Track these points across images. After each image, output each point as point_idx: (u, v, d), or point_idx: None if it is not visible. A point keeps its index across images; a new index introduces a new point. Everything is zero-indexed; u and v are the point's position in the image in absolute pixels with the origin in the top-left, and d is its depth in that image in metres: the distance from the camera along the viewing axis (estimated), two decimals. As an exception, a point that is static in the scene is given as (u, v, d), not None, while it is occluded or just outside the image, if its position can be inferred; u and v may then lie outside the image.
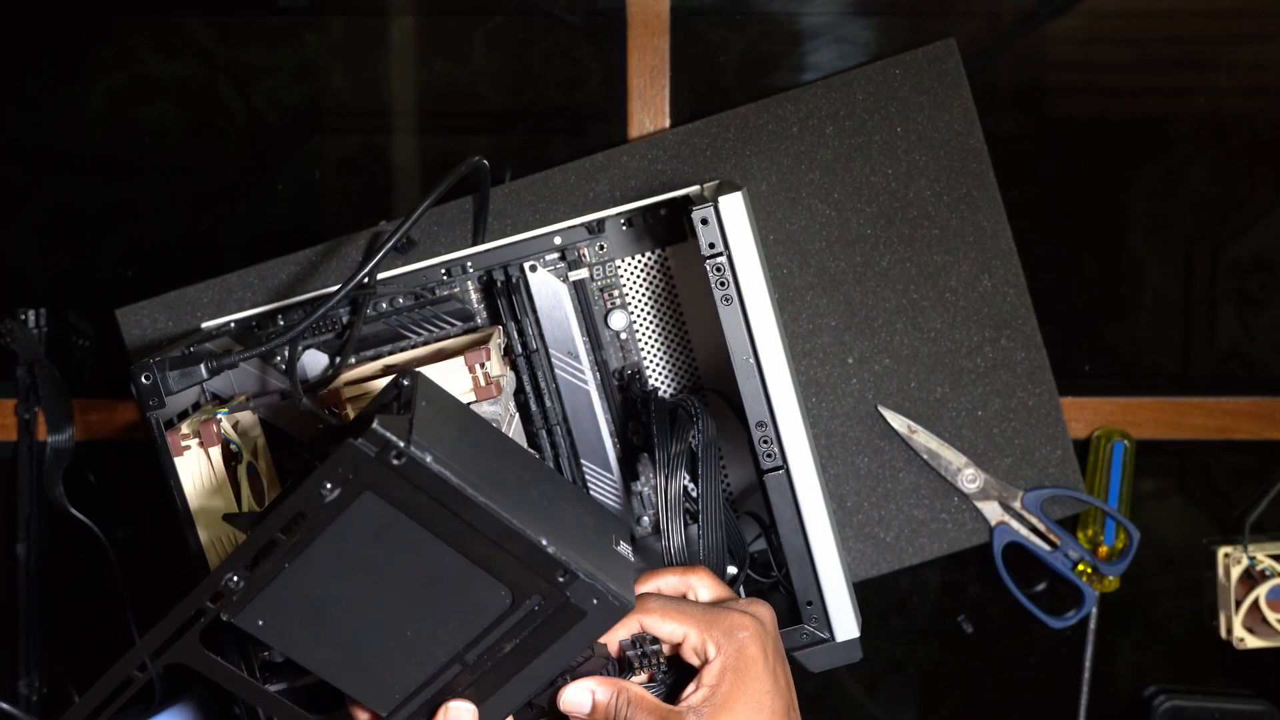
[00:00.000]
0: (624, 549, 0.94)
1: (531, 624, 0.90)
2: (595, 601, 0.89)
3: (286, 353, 1.12)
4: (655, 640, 0.96)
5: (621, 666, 0.97)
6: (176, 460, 1.05)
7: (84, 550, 1.37)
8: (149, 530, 1.40)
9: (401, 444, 0.83)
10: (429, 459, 0.84)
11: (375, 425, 0.83)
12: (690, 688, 0.96)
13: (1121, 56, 1.35)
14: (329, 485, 0.85)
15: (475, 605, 0.89)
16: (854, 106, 1.31)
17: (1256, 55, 1.35)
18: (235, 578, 0.88)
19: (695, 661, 0.97)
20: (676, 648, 0.98)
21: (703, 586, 1.03)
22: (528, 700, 0.95)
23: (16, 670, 1.40)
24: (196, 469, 1.06)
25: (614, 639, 0.97)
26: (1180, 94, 1.36)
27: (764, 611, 1.00)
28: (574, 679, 0.96)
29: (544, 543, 0.87)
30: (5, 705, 1.39)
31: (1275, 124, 1.35)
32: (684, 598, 1.02)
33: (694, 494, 1.10)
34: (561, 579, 0.88)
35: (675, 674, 0.99)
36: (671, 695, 0.98)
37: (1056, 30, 1.35)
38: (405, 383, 0.92)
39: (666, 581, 1.02)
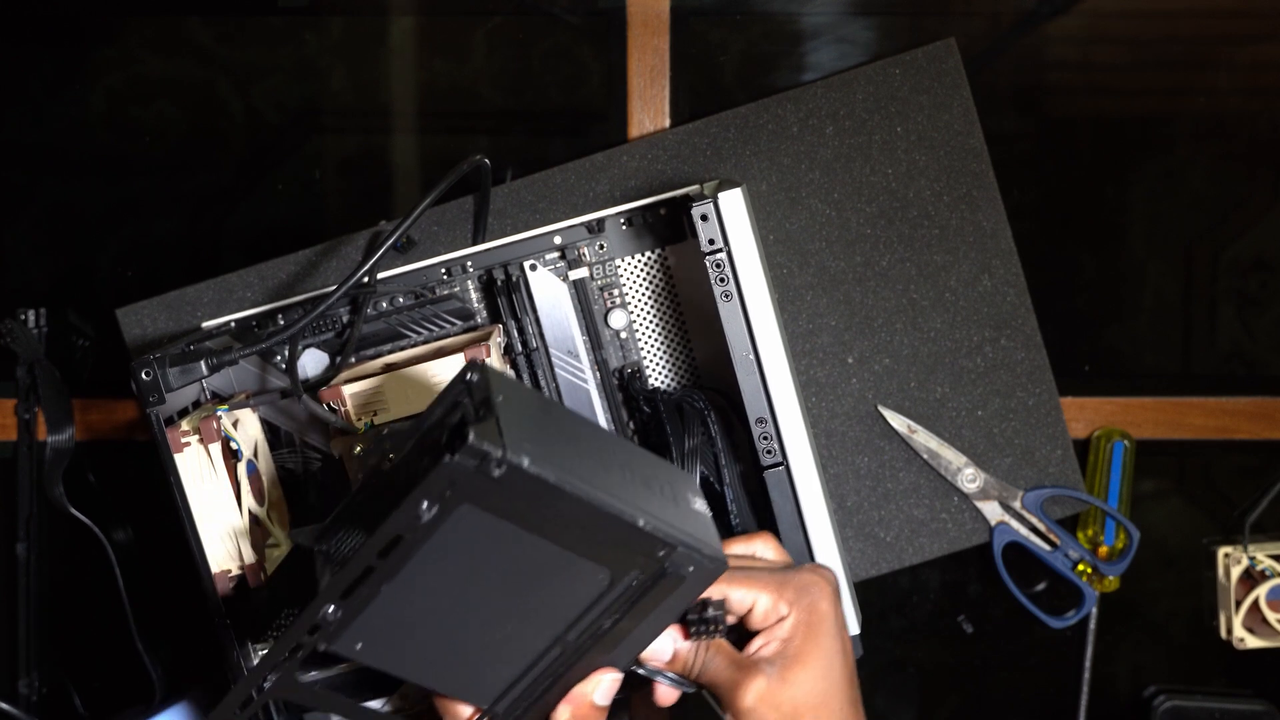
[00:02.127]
0: (700, 505, 0.93)
1: (631, 597, 0.89)
2: (692, 568, 0.89)
3: (287, 351, 1.12)
4: (721, 604, 0.95)
5: (685, 634, 0.97)
6: (176, 457, 1.06)
7: (84, 550, 1.37)
8: (149, 530, 1.40)
9: (499, 454, 0.81)
10: (526, 462, 0.82)
11: (472, 440, 0.80)
12: (760, 640, 0.97)
13: (1121, 56, 1.35)
14: (426, 505, 0.82)
15: (574, 590, 0.89)
16: (854, 106, 1.31)
17: (1256, 55, 1.35)
18: (332, 609, 0.86)
19: (763, 623, 0.97)
20: (743, 617, 0.98)
21: (767, 551, 1.03)
22: (629, 664, 0.95)
23: (16, 670, 1.40)
24: (196, 466, 1.06)
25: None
26: (1180, 94, 1.36)
27: (830, 574, 1.01)
28: None
29: (641, 523, 0.86)
30: (5, 705, 1.39)
31: (1275, 124, 1.35)
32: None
33: (715, 486, 1.11)
34: (661, 554, 0.87)
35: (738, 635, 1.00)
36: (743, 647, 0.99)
37: (1056, 30, 1.35)
38: (472, 377, 0.89)
39: (732, 550, 1.02)
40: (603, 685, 0.94)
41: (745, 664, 0.96)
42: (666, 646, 0.96)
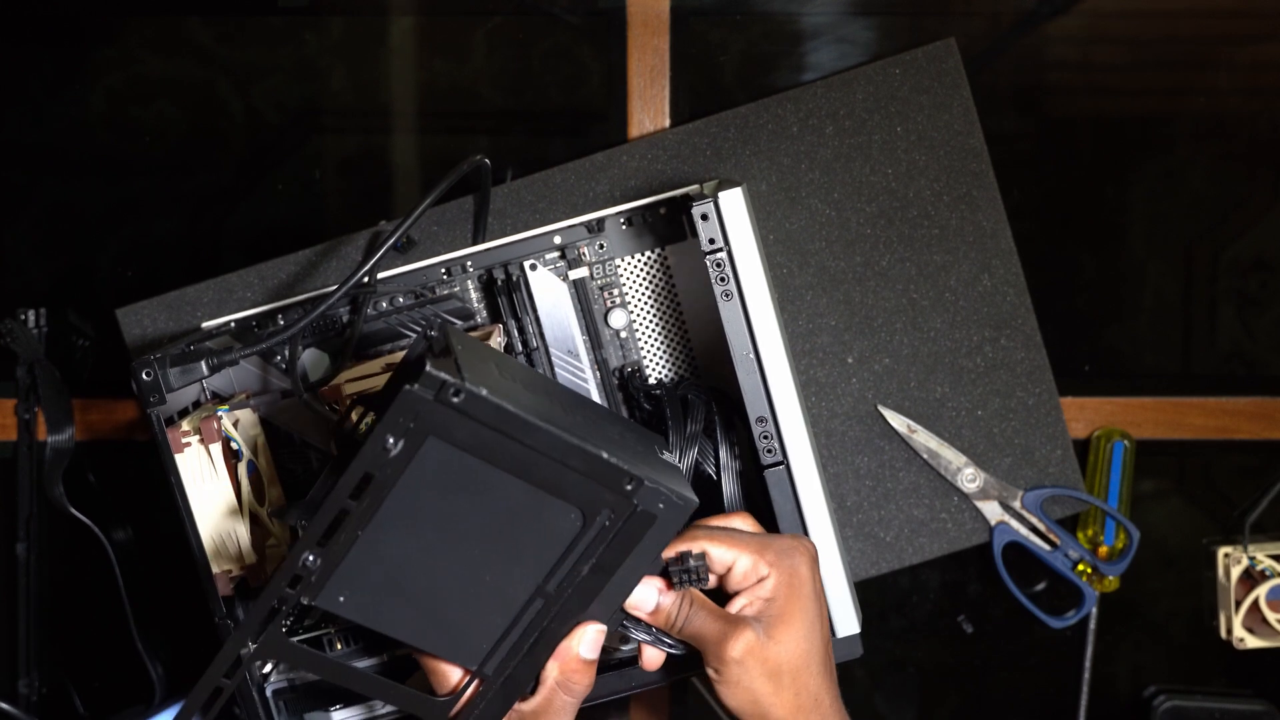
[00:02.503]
0: (669, 456, 0.96)
1: (605, 540, 0.91)
2: (662, 505, 0.90)
3: (287, 351, 1.12)
4: (701, 556, 0.97)
5: (669, 583, 0.98)
6: (177, 457, 1.06)
7: (84, 550, 1.37)
8: (149, 530, 1.40)
9: (456, 381, 0.84)
10: (485, 391, 0.85)
11: (429, 368, 0.84)
12: (744, 599, 0.98)
13: (1121, 56, 1.35)
14: (391, 439, 0.85)
15: (548, 533, 0.90)
16: (854, 106, 1.31)
17: (1256, 55, 1.35)
18: (311, 557, 0.88)
19: (743, 583, 0.99)
20: (722, 577, 0.99)
21: (745, 526, 1.05)
22: (611, 616, 0.96)
23: (16, 670, 1.40)
24: (197, 466, 1.06)
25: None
26: (1180, 94, 1.36)
27: (810, 544, 1.03)
28: None
29: (605, 455, 0.88)
30: (5, 705, 1.39)
31: (1275, 124, 1.35)
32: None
33: (710, 472, 1.11)
34: (629, 487, 0.89)
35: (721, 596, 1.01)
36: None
37: (1056, 30, 1.35)
38: (434, 334, 0.93)
39: (710, 523, 1.03)
40: (587, 637, 0.95)
41: (732, 618, 0.97)
42: (650, 597, 0.97)
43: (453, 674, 0.96)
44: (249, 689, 1.10)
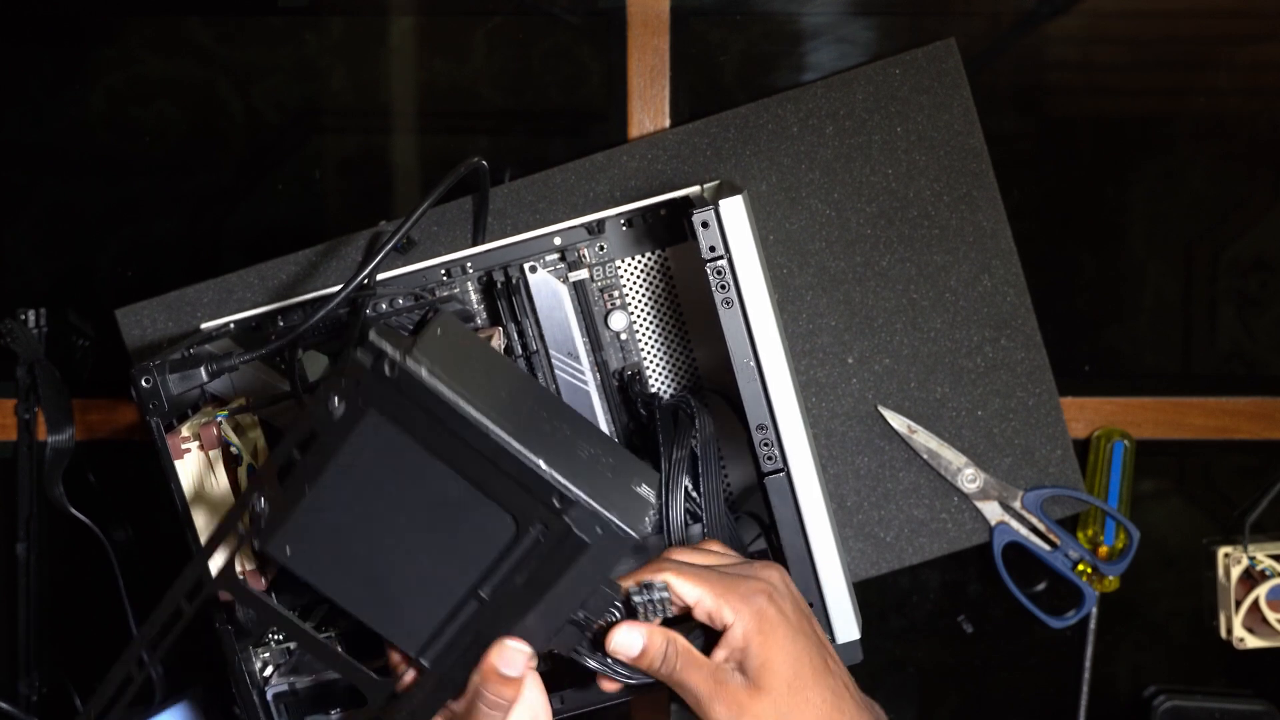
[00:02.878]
0: (645, 490, 0.94)
1: (538, 555, 0.90)
2: (599, 531, 0.88)
3: (287, 354, 1.12)
4: (664, 587, 0.96)
5: (629, 612, 0.97)
6: (177, 463, 1.06)
7: (84, 550, 1.37)
8: (149, 530, 1.40)
9: (395, 355, 0.85)
10: (423, 372, 0.85)
11: (371, 336, 0.85)
12: (721, 652, 0.98)
13: (1121, 56, 1.35)
14: (335, 400, 0.87)
15: (482, 535, 0.90)
16: (854, 106, 1.31)
17: (1256, 55, 1.35)
18: (261, 500, 0.91)
19: (710, 624, 0.98)
20: (688, 610, 0.98)
21: (715, 556, 1.04)
22: (548, 642, 0.95)
23: (16, 670, 1.40)
24: (196, 471, 1.06)
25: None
26: (1180, 94, 1.35)
27: (774, 574, 1.02)
28: (620, 621, 0.97)
29: (541, 464, 0.87)
30: (5, 705, 1.39)
31: (1275, 124, 1.35)
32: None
33: (696, 495, 1.10)
34: (558, 504, 0.87)
35: (701, 633, 1.00)
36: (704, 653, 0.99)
37: (1056, 30, 1.35)
38: (429, 316, 0.94)
39: (678, 555, 1.03)
40: (505, 654, 0.93)
41: (718, 675, 0.97)
42: (635, 642, 0.97)
43: (397, 654, 0.97)
44: (249, 690, 1.10)
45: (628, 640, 0.97)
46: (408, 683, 0.96)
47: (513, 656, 0.93)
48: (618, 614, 0.97)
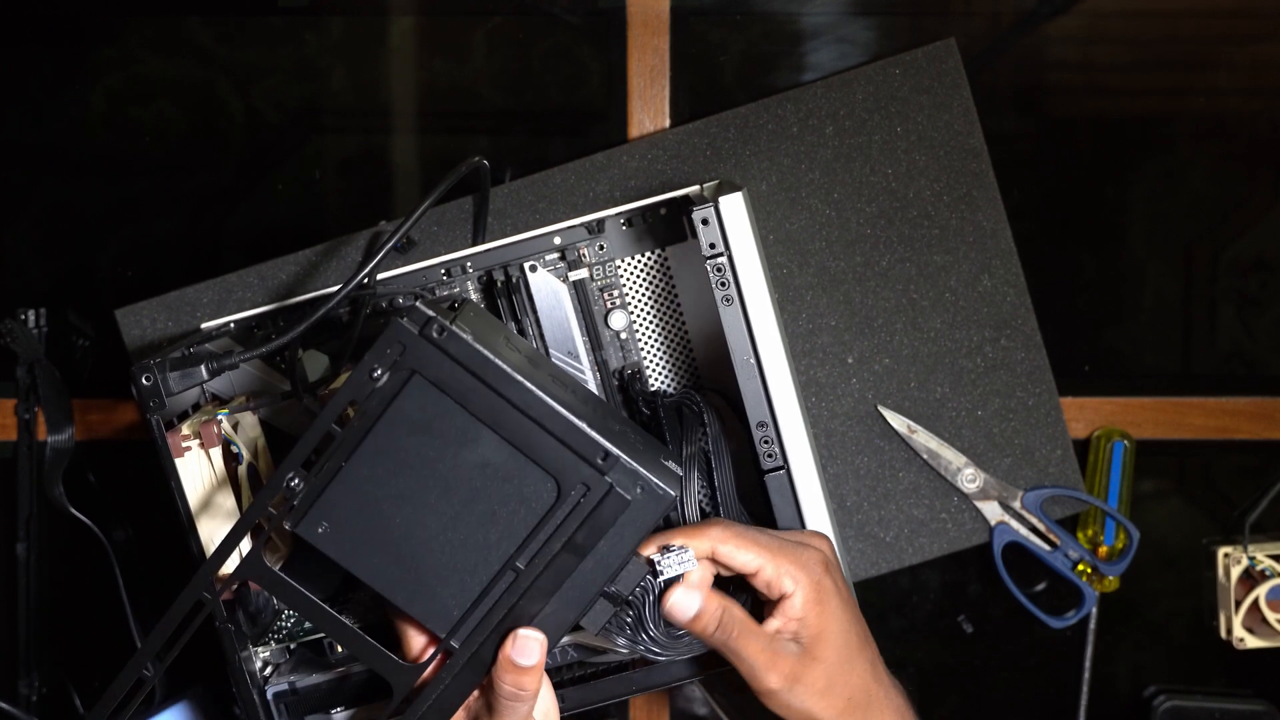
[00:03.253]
0: (673, 467, 0.95)
1: (579, 518, 0.91)
2: (639, 490, 0.90)
3: (287, 353, 1.12)
4: (684, 548, 0.97)
5: (654, 574, 0.97)
6: (177, 461, 1.05)
7: (84, 550, 1.37)
8: (149, 530, 1.40)
9: (442, 320, 0.88)
10: (469, 336, 0.88)
11: (418, 304, 0.88)
12: (776, 621, 0.99)
13: (1121, 56, 1.35)
14: (378, 369, 0.88)
15: (523, 500, 0.91)
16: (854, 106, 1.31)
17: (1256, 55, 1.35)
18: (295, 479, 0.91)
19: (767, 592, 0.99)
20: (747, 577, 0.99)
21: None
22: (579, 618, 0.95)
23: (16, 670, 1.40)
24: (197, 470, 1.06)
25: (700, 550, 0.98)
26: (1180, 94, 1.36)
27: (825, 544, 1.03)
28: (671, 586, 0.97)
29: (584, 425, 0.89)
30: (5, 705, 1.39)
31: (1275, 124, 1.35)
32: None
33: (707, 493, 1.10)
34: (602, 460, 0.89)
35: (749, 600, 1.02)
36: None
37: (1056, 30, 1.35)
38: (454, 305, 0.96)
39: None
40: (520, 643, 0.94)
41: (773, 645, 0.98)
42: (691, 603, 0.97)
43: (418, 641, 0.97)
44: (249, 690, 1.10)
45: (685, 602, 0.97)
46: (434, 669, 0.96)
47: (528, 645, 0.93)
48: (651, 584, 0.97)
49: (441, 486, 0.91)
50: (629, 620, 0.98)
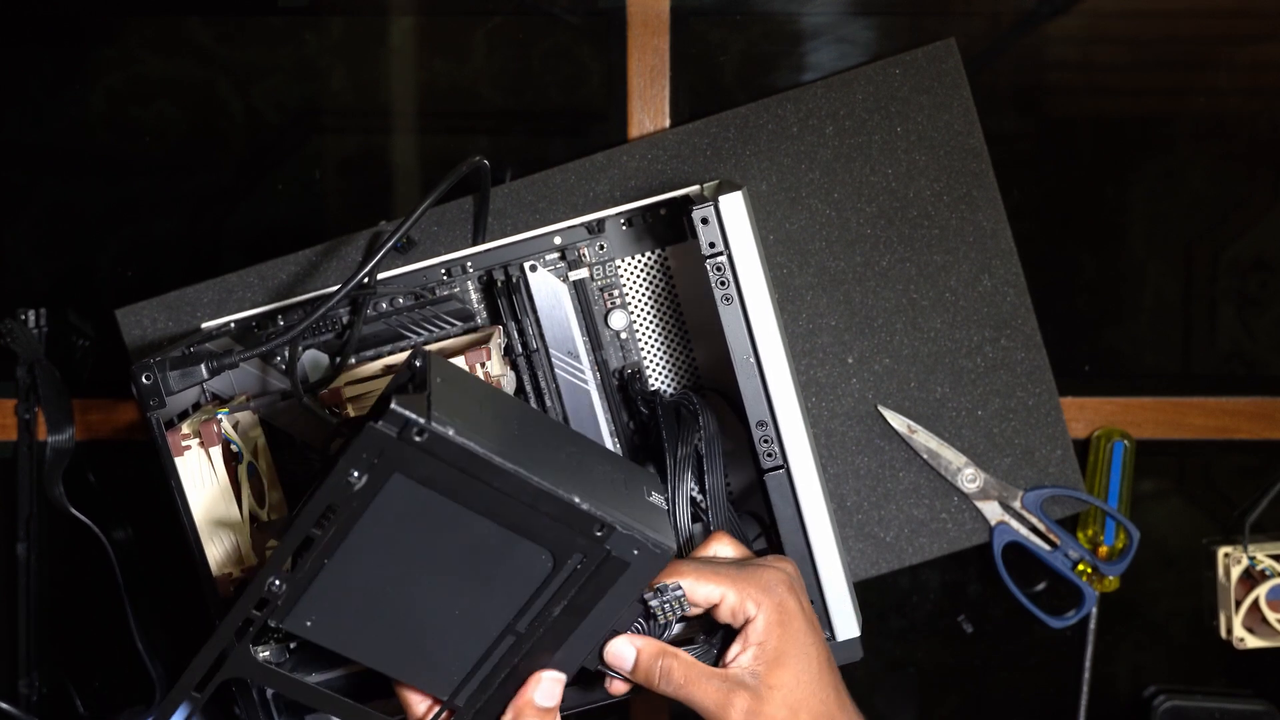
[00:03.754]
0: (656, 499, 0.96)
1: (577, 583, 0.91)
2: (636, 552, 0.90)
3: (287, 353, 1.12)
4: (677, 587, 0.97)
5: (647, 616, 0.98)
6: (177, 460, 1.05)
7: (84, 550, 1.37)
8: (149, 530, 1.40)
9: (421, 420, 0.84)
10: (451, 432, 0.85)
11: (394, 405, 0.84)
12: (736, 647, 0.99)
13: (1121, 56, 1.35)
14: (355, 473, 0.86)
15: (519, 573, 0.90)
16: (854, 106, 1.31)
17: (1256, 55, 1.35)
18: (277, 582, 0.89)
19: (732, 621, 0.99)
20: (711, 609, 0.99)
21: (723, 549, 1.05)
22: (582, 663, 0.96)
23: (16, 670, 1.40)
24: (197, 469, 1.06)
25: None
26: (1180, 94, 1.36)
27: (789, 565, 1.03)
28: (615, 634, 0.97)
29: (577, 500, 0.88)
30: (5, 705, 1.39)
31: (1275, 124, 1.35)
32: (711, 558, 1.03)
33: (698, 494, 1.10)
34: (599, 533, 0.89)
35: (721, 635, 1.01)
36: (721, 657, 1.00)
37: (1056, 30, 1.35)
38: (418, 364, 0.94)
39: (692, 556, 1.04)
40: (542, 686, 0.95)
41: (726, 680, 0.97)
42: (627, 654, 0.97)
43: (419, 705, 0.97)
44: (249, 690, 1.10)
45: (622, 652, 0.97)
46: None
47: (550, 689, 0.95)
48: (641, 624, 0.97)
49: (433, 568, 0.90)
50: None
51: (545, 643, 0.93)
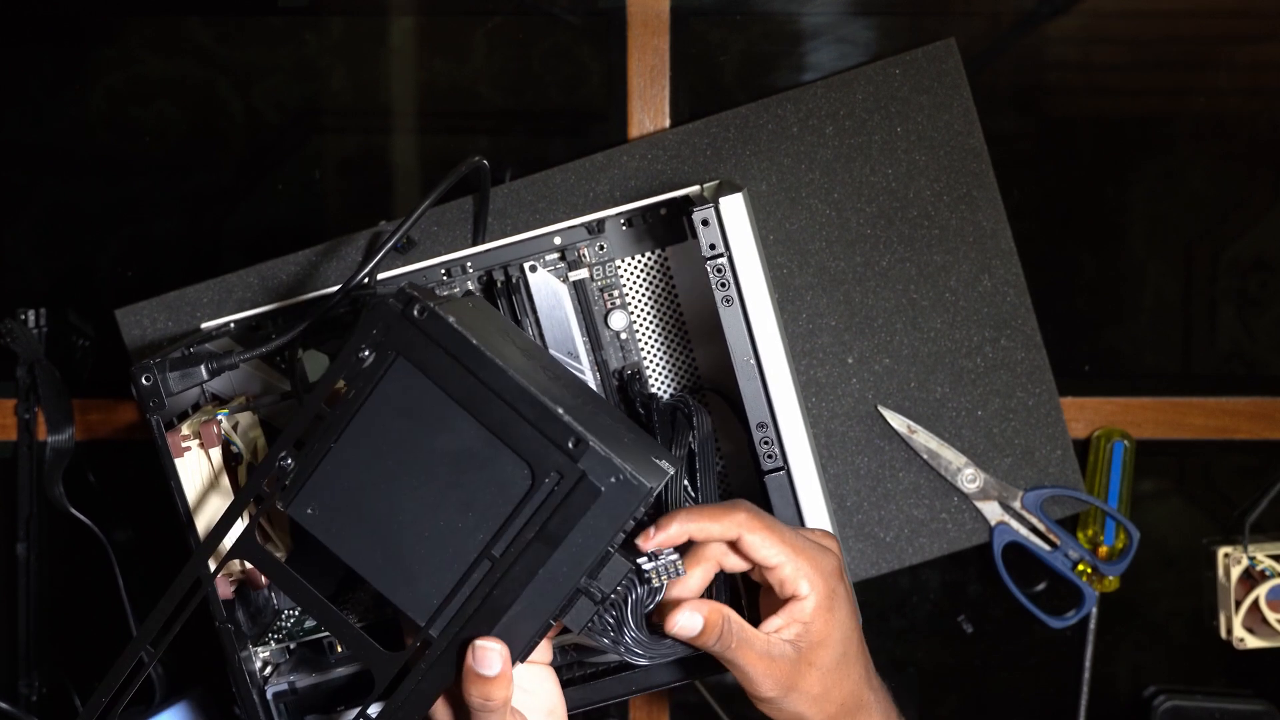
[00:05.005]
0: (665, 465, 0.94)
1: (552, 506, 0.91)
2: (613, 479, 0.90)
3: (287, 353, 1.12)
4: (674, 551, 0.96)
5: (640, 580, 0.96)
6: (177, 461, 1.05)
7: (84, 550, 1.37)
8: (149, 530, 1.40)
9: (423, 300, 0.90)
10: (451, 319, 0.90)
11: (406, 286, 0.91)
12: (779, 620, 0.98)
13: (1121, 56, 1.35)
14: (364, 350, 0.91)
15: (499, 487, 0.91)
16: (854, 106, 1.31)
17: (1256, 55, 1.35)
18: (287, 458, 0.93)
19: (777, 590, 0.99)
20: (757, 568, 0.99)
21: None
22: (558, 615, 0.94)
23: (16, 670, 1.40)
24: (197, 470, 1.06)
25: (725, 534, 0.98)
26: (1180, 94, 1.36)
27: (836, 546, 1.03)
28: (682, 603, 0.96)
29: (559, 411, 0.89)
30: (5, 705, 1.39)
31: (1275, 124, 1.35)
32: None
33: (693, 492, 1.10)
34: (573, 445, 0.89)
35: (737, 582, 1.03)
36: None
37: (1056, 30, 1.35)
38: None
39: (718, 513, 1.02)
40: (478, 654, 0.92)
41: (772, 650, 0.97)
42: (695, 622, 0.96)
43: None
44: (249, 690, 1.10)
45: (688, 623, 0.96)
46: (414, 657, 0.95)
47: (488, 656, 0.92)
48: (635, 584, 0.96)
49: (421, 472, 0.92)
50: (611, 621, 0.97)
51: (516, 575, 0.92)
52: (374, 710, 0.96)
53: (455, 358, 0.90)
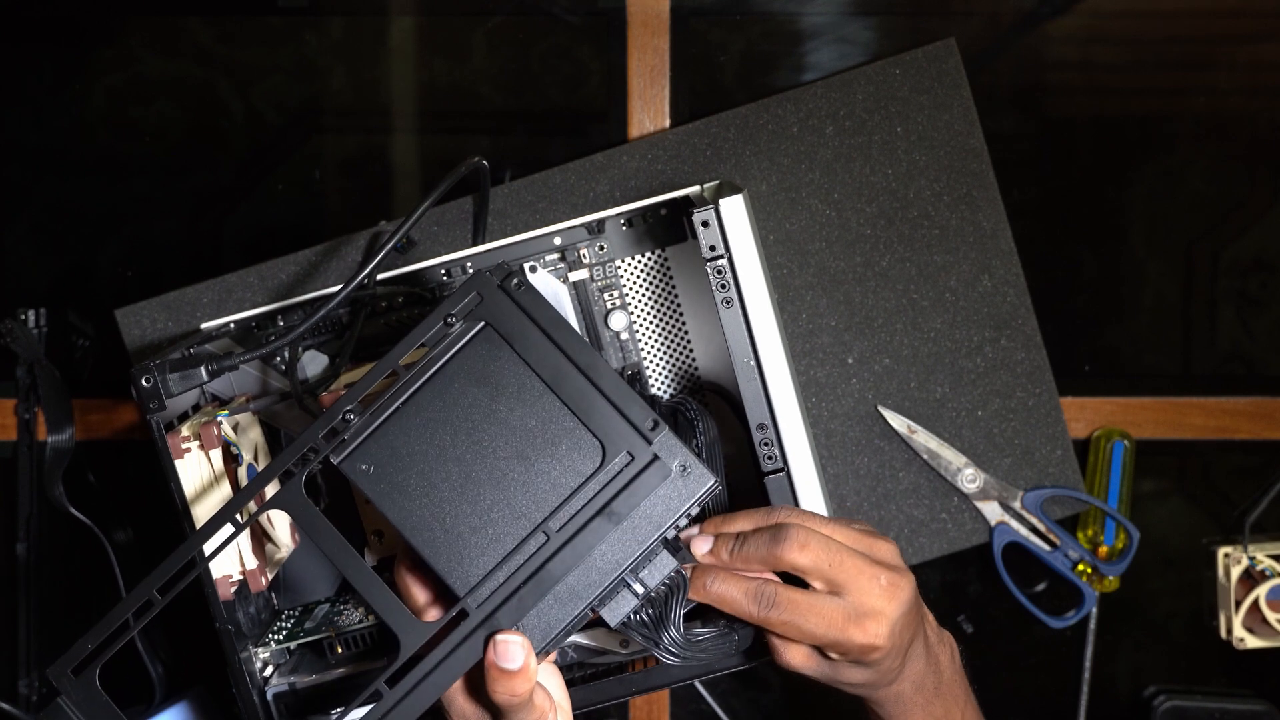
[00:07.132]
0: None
1: (619, 485, 0.92)
2: (683, 466, 0.93)
3: (286, 354, 1.12)
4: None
5: (684, 581, 0.98)
6: (177, 463, 1.05)
7: (84, 550, 1.37)
8: (149, 530, 1.40)
9: (522, 276, 0.93)
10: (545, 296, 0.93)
11: (504, 262, 0.97)
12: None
13: (1121, 56, 1.35)
14: (453, 316, 0.92)
15: (567, 462, 0.93)
16: (854, 106, 1.31)
17: (1256, 55, 1.35)
18: (353, 415, 0.93)
19: (817, 585, 1.00)
20: (805, 571, 1.00)
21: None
22: (599, 596, 0.94)
23: (16, 670, 1.40)
24: (197, 471, 1.06)
25: (793, 556, 0.99)
26: (1180, 94, 1.36)
27: (903, 569, 1.03)
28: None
29: (637, 393, 0.92)
30: (5, 705, 1.39)
31: (1275, 124, 1.35)
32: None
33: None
34: (651, 429, 0.92)
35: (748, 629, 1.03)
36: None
37: (1056, 30, 1.35)
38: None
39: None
40: (499, 647, 0.91)
41: (816, 602, 0.99)
42: (730, 592, 0.99)
43: (420, 595, 0.96)
44: (249, 690, 1.10)
45: (722, 591, 0.99)
46: (445, 625, 0.95)
47: (509, 650, 0.92)
48: (680, 585, 0.97)
49: (490, 441, 0.93)
50: (649, 618, 0.97)
51: (568, 555, 0.92)
52: (387, 684, 0.94)
53: (547, 334, 0.92)
